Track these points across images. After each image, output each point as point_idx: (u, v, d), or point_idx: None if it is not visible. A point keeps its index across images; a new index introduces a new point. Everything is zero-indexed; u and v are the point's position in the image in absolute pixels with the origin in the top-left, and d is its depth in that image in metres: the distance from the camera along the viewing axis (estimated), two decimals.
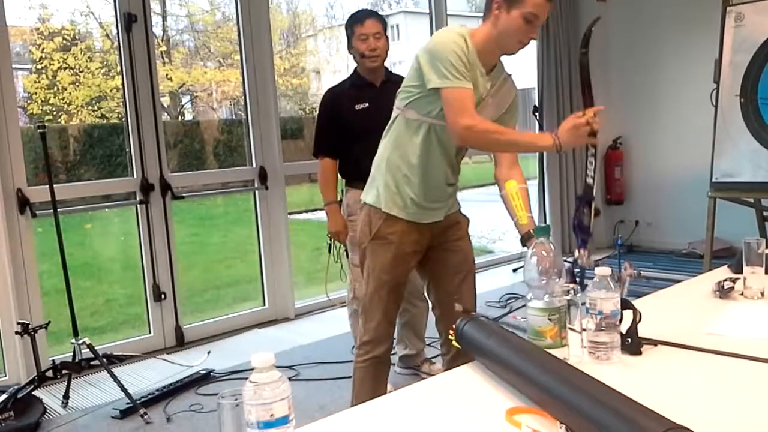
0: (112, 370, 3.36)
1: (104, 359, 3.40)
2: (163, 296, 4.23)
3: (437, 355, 3.73)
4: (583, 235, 2.07)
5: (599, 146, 2.19)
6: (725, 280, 1.94)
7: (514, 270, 5.68)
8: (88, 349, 3.37)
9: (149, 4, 4.17)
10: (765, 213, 5.19)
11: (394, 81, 3.34)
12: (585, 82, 2.17)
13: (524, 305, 1.53)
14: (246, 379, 1.00)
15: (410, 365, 3.62)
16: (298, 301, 4.85)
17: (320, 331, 4.36)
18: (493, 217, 9.05)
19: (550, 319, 1.45)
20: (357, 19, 3.22)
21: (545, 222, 6.32)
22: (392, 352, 2.53)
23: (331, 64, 11.61)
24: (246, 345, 4.23)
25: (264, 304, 4.74)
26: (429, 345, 3.73)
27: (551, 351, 1.36)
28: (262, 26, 4.61)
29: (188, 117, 9.32)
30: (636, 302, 1.70)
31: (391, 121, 2.34)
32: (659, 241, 6.22)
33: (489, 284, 5.26)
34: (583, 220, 2.09)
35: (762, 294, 1.89)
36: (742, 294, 1.91)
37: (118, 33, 4.11)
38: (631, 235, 6.30)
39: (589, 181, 2.12)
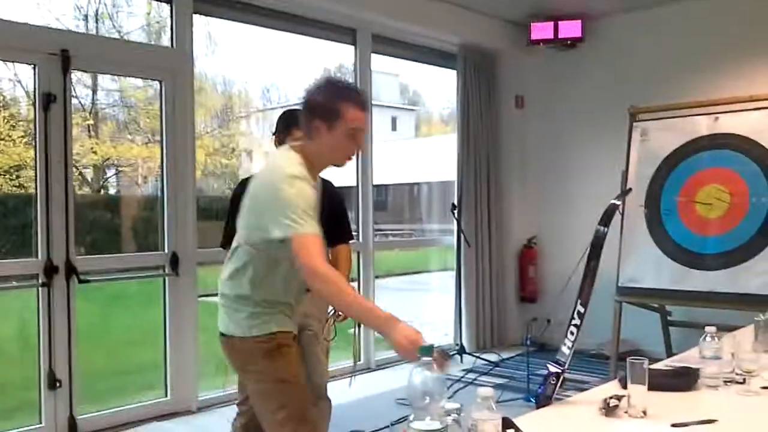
0: None
1: None
2: (58, 384, 4.03)
3: None
4: (542, 402, 2.06)
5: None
6: (611, 398, 1.98)
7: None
8: None
9: (70, 83, 4.14)
10: (669, 318, 5.39)
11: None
12: (593, 256, 2.19)
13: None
14: None
15: None
16: (203, 392, 4.69)
17: (222, 428, 4.19)
18: (412, 307, 9.07)
19: None
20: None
21: (459, 318, 6.38)
22: None
23: (262, 147, 11.69)
24: None
25: (166, 395, 4.57)
26: None
27: None
28: (187, 106, 4.66)
29: (112, 191, 9.13)
30: (521, 420, 1.72)
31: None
32: None
33: (403, 379, 5.15)
34: (548, 389, 2.07)
35: (644, 413, 1.93)
36: (626, 412, 1.95)
37: (35, 112, 4.05)
38: (543, 333, 6.40)
39: (565, 350, 2.10)
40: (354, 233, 5.72)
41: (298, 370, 2.40)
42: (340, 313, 3.12)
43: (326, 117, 2.21)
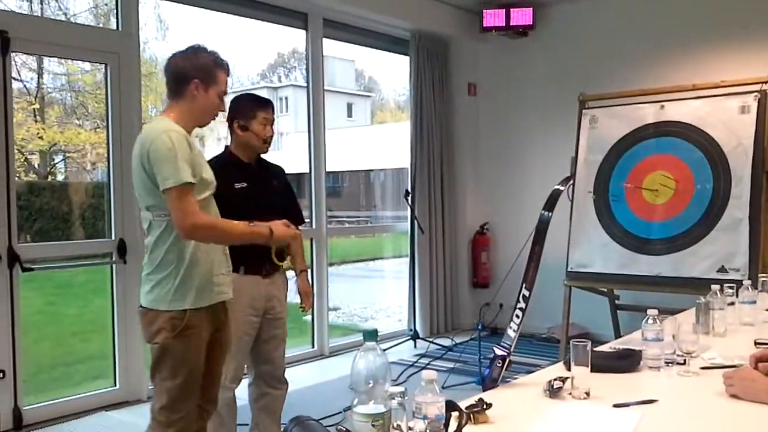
0: None
1: None
2: (1, 374, 3.92)
3: None
4: (488, 385, 2.06)
5: None
6: (555, 380, 2.01)
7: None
8: None
9: (10, 66, 4.02)
10: (617, 302, 5.51)
11: (265, 165, 3.36)
12: (537, 240, 2.24)
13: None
14: None
15: None
16: None
17: None
18: (366, 294, 9.10)
19: (373, 425, 1.45)
20: (264, 103, 3.26)
21: (413, 304, 6.41)
22: None
23: (215, 132, 11.54)
24: (91, 430, 3.97)
25: (115, 384, 4.50)
26: None
27: None
28: (134, 90, 4.57)
29: (60, 177, 8.91)
30: (465, 402, 1.73)
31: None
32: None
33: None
34: (494, 372, 2.09)
35: (587, 394, 1.96)
36: (570, 394, 1.98)
37: None
38: (495, 317, 6.48)
39: (511, 333, 2.11)
40: (307, 220, 5.73)
41: (197, 357, 2.46)
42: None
43: (204, 78, 2.46)
